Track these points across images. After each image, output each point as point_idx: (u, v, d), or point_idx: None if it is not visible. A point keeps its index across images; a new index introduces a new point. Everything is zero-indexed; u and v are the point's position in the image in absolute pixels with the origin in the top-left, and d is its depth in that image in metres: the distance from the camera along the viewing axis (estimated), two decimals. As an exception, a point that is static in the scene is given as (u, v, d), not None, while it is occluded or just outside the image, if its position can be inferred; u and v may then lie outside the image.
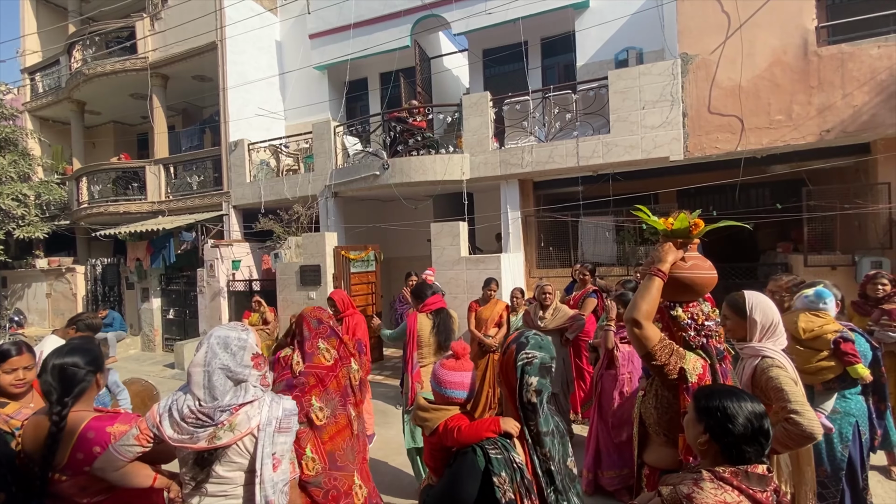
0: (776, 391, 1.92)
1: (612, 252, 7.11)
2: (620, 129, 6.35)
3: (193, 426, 1.51)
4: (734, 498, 1.20)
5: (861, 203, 5.58)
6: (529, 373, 1.47)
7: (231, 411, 1.54)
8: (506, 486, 1.34)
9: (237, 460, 1.56)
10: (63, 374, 1.66)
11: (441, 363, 1.63)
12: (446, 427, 1.47)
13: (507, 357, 1.53)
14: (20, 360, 2.02)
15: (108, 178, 10.80)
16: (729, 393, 1.34)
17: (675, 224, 1.97)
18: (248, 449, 1.57)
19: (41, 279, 11.88)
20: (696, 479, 1.26)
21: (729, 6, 5.88)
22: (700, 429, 1.33)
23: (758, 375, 2.03)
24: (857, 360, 2.55)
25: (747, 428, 1.27)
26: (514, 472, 1.37)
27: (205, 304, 8.99)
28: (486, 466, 1.36)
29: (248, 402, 1.57)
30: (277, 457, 1.58)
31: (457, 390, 1.56)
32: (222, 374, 1.55)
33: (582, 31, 8.08)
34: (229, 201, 9.51)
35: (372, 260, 7.74)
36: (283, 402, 1.66)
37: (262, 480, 1.53)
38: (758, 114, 5.83)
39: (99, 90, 11.22)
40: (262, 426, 1.57)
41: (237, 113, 9.71)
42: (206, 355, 1.57)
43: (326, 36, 9.91)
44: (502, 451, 1.39)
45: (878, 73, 5.34)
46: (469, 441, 1.42)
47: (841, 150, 5.99)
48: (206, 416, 1.51)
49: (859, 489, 2.64)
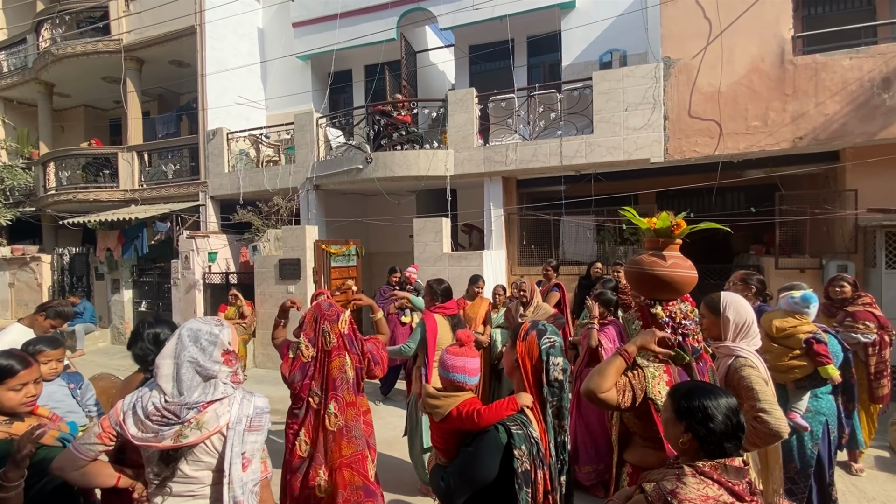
0: (747, 390, 1.98)
1: (592, 251, 7.21)
2: (603, 129, 6.43)
3: (159, 424, 1.45)
4: (715, 491, 1.24)
5: (829, 209, 5.80)
6: (554, 354, 1.66)
7: (199, 409, 1.48)
8: (524, 458, 1.46)
9: (205, 459, 1.51)
10: (157, 339, 1.97)
11: (447, 350, 1.69)
12: (460, 412, 1.55)
13: (529, 342, 1.67)
14: (29, 373, 1.79)
15: (77, 163, 10.38)
16: (705, 391, 1.38)
17: (658, 224, 2.02)
18: (216, 448, 1.51)
19: (3, 268, 11.36)
20: (679, 474, 1.30)
21: (711, 13, 6.00)
22: (681, 428, 1.35)
23: (731, 374, 2.09)
24: (828, 361, 2.64)
25: (727, 425, 1.31)
26: (531, 445, 1.50)
27: (179, 297, 8.75)
28: (507, 441, 1.48)
29: (217, 400, 1.52)
30: (247, 456, 1.53)
31: (465, 375, 1.64)
32: (191, 368, 1.51)
33: (568, 30, 8.14)
34: (206, 191, 9.26)
35: (353, 255, 7.66)
36: (255, 399, 1.61)
37: (230, 480, 1.49)
38: (735, 119, 5.98)
39: (69, 72, 10.74)
40: (232, 424, 1.52)
41: (216, 101, 9.44)
42: (175, 347, 1.53)
43: (311, 25, 9.71)
44: (522, 427, 1.52)
45: (849, 83, 5.54)
46: (491, 421, 1.51)
47: (812, 157, 6.20)
48: (173, 413, 1.46)
49: (826, 485, 2.75)
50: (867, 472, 3.71)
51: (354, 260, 7.69)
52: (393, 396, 5.79)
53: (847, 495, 3.40)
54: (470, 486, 1.47)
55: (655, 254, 1.98)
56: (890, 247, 5.31)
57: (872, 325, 3.62)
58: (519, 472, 1.44)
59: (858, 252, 5.71)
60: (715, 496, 1.23)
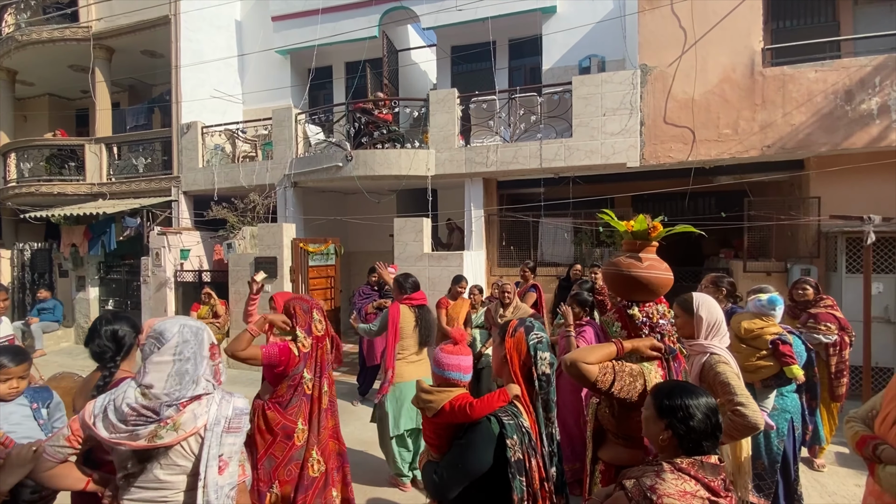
0: (723, 385, 2.05)
1: (569, 253, 7.32)
2: (582, 133, 6.54)
3: (134, 423, 1.40)
4: (693, 487, 1.29)
5: (794, 215, 6.04)
6: (542, 349, 1.72)
7: (178, 407, 1.43)
8: (516, 447, 1.51)
9: (180, 463, 1.46)
10: (116, 336, 1.92)
11: (441, 348, 1.71)
12: (453, 406, 1.58)
13: (518, 339, 1.74)
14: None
15: (41, 155, 9.92)
16: (686, 391, 1.42)
17: (635, 226, 2.07)
18: (192, 451, 1.47)
19: (-42, 263, 10.77)
20: (658, 471, 1.34)
21: (686, 22, 6.18)
22: (661, 425, 1.39)
23: (706, 371, 2.16)
24: (793, 362, 2.76)
25: (706, 424, 1.35)
26: (522, 435, 1.55)
27: (149, 295, 8.47)
28: (499, 432, 1.53)
29: (196, 398, 1.48)
30: (225, 459, 1.49)
31: (459, 372, 1.67)
32: (191, 364, 1.49)
33: (548, 35, 8.25)
34: (179, 186, 9.00)
35: (332, 253, 7.56)
36: (234, 399, 1.57)
37: (205, 484, 1.44)
38: (708, 127, 6.17)
39: (33, 59, 10.27)
40: (210, 426, 1.47)
41: (190, 93, 9.18)
42: (177, 344, 1.49)
43: (291, 19, 9.56)
44: (513, 417, 1.57)
45: (814, 95, 5.79)
46: (483, 413, 1.55)
47: (779, 165, 6.45)
48: (151, 410, 1.40)
49: (791, 480, 2.86)
50: (828, 467, 3.89)
51: (333, 259, 7.59)
52: (371, 397, 5.74)
53: (809, 490, 3.54)
54: (464, 478, 1.49)
55: (632, 256, 2.03)
56: (850, 252, 5.56)
57: (833, 326, 3.79)
58: (512, 461, 1.47)
59: (821, 256, 5.97)
60: (692, 491, 1.27)
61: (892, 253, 5.40)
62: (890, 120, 5.52)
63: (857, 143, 5.65)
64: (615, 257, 2.11)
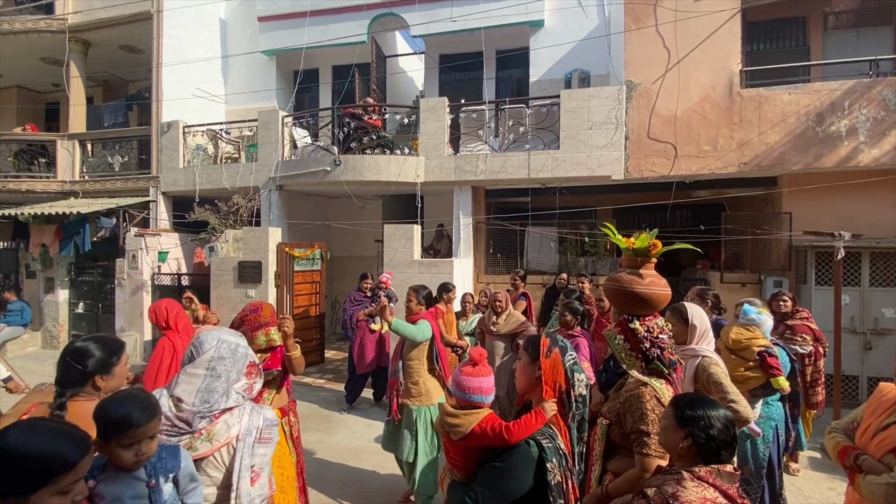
0: (715, 385, 2.26)
1: (554, 261, 7.46)
2: (569, 146, 6.70)
3: (168, 435, 1.39)
4: (712, 494, 1.35)
5: (768, 229, 6.34)
6: (577, 371, 1.74)
7: (211, 418, 1.44)
8: (555, 470, 1.51)
9: (212, 474, 1.46)
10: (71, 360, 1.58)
11: (461, 370, 1.68)
12: (484, 429, 1.56)
13: (554, 360, 1.72)
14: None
15: (9, 150, 9.48)
16: (707, 402, 1.51)
17: (637, 244, 2.15)
18: (224, 461, 1.47)
19: (-88, 261, 10.15)
20: (678, 479, 1.40)
21: (670, 42, 6.43)
22: (681, 434, 1.45)
23: (699, 373, 2.36)
24: (779, 373, 2.90)
25: (726, 434, 1.43)
26: (560, 457, 1.56)
27: (124, 299, 8.18)
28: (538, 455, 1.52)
29: (229, 409, 1.48)
30: (256, 469, 1.49)
31: (482, 395, 1.65)
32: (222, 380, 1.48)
33: (536, 49, 8.42)
34: (158, 187, 8.74)
35: (317, 258, 7.49)
36: (264, 411, 1.58)
37: (238, 495, 1.44)
38: (689, 143, 6.42)
39: (3, 49, 9.79)
40: (242, 436, 1.48)
41: (171, 91, 8.95)
42: (211, 359, 1.48)
43: (278, 20, 9.47)
44: (550, 440, 1.57)
45: (787, 116, 6.10)
46: (522, 437, 1.54)
47: (754, 181, 6.76)
48: (185, 422, 1.40)
49: (776, 485, 3.00)
50: (803, 472, 4.08)
51: (319, 264, 7.52)
52: (358, 405, 5.70)
53: (786, 493, 3.71)
54: (502, 501, 1.49)
55: (633, 272, 2.11)
56: (819, 265, 5.87)
57: (809, 337, 4.00)
58: (552, 484, 1.47)
59: (792, 269, 6.28)
60: (712, 498, 1.34)
61: (857, 267, 5.72)
62: (858, 141, 5.87)
63: (826, 162, 5.98)
64: (616, 273, 2.18)
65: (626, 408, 1.89)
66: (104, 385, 1.60)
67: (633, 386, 1.96)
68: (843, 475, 3.71)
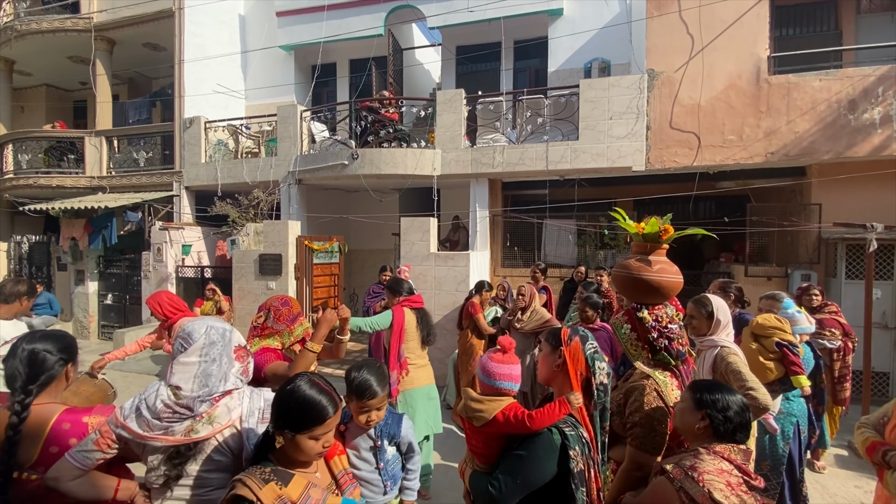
0: (734, 374, 2.23)
1: (572, 254, 7.38)
2: (588, 136, 6.59)
3: (169, 420, 1.40)
4: (728, 467, 1.45)
5: (796, 221, 6.14)
6: (598, 359, 1.71)
7: (211, 402, 1.45)
8: (578, 458, 1.51)
9: (217, 458, 1.47)
10: (33, 358, 1.51)
11: (490, 357, 1.68)
12: (507, 416, 1.56)
13: (574, 349, 1.71)
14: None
15: (39, 147, 9.81)
16: (723, 387, 1.62)
17: (647, 228, 2.08)
18: (228, 446, 1.48)
19: (-47, 255, 10.64)
20: (695, 453, 1.51)
21: (693, 29, 6.24)
22: (699, 416, 1.56)
23: (718, 362, 2.33)
24: (801, 371, 2.82)
25: (742, 416, 1.54)
26: (583, 445, 1.55)
27: (149, 290, 8.41)
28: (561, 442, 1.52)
29: (228, 392, 1.50)
30: None
31: (511, 382, 1.65)
32: (216, 365, 1.49)
33: (555, 38, 8.29)
34: (181, 181, 8.95)
35: (336, 251, 7.56)
36: (264, 392, 1.60)
37: None
38: (713, 132, 6.24)
39: (32, 49, 10.13)
40: (245, 417, 1.50)
41: (193, 88, 9.12)
42: (203, 346, 1.50)
43: (295, 15, 9.53)
44: (573, 427, 1.57)
45: (818, 103, 5.88)
46: (544, 425, 1.54)
47: (781, 172, 6.55)
48: (185, 407, 1.42)
49: (797, 481, 2.94)
50: (828, 469, 3.98)
51: (337, 257, 7.60)
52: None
53: (811, 491, 3.62)
54: (524, 489, 1.49)
55: (642, 258, 2.05)
56: (850, 258, 5.67)
57: (838, 332, 3.88)
58: (575, 472, 1.48)
59: (821, 262, 6.07)
60: (728, 470, 1.44)
61: (890, 260, 5.51)
62: (892, 130, 5.62)
63: (859, 151, 5.75)
64: (625, 259, 2.12)
65: (626, 398, 1.90)
66: (72, 376, 1.60)
67: (636, 377, 1.95)
68: (870, 473, 3.62)
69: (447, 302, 6.18)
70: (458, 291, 6.17)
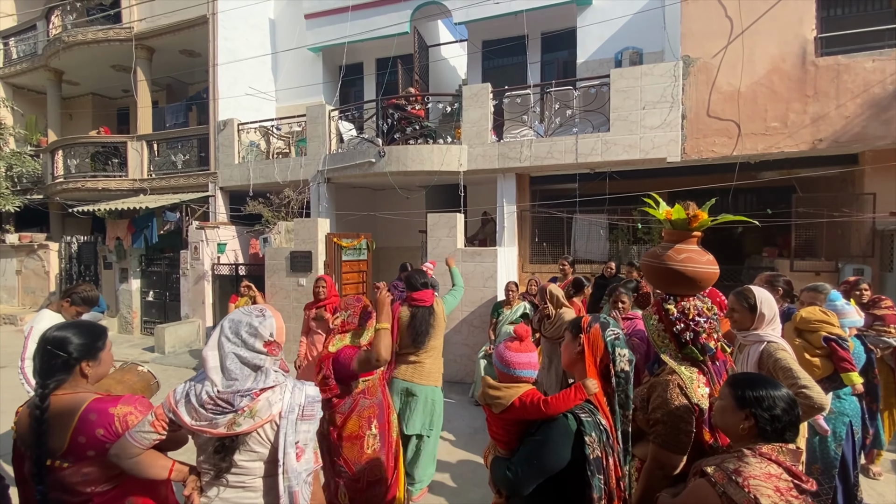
0: (784, 371, 2.05)
1: (604, 250, 7.18)
2: (620, 127, 6.39)
3: (213, 413, 1.44)
4: (776, 470, 1.34)
5: (847, 212, 5.76)
6: (619, 346, 1.69)
7: (252, 397, 1.47)
8: (594, 444, 1.49)
9: (257, 449, 1.50)
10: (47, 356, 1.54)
11: (506, 346, 1.68)
12: (523, 402, 1.56)
13: (594, 335, 1.69)
14: None
15: (86, 152, 10.35)
16: (767, 382, 1.47)
17: (674, 215, 1.96)
18: (268, 438, 1.51)
19: (11, 255, 11.36)
20: (739, 455, 1.39)
21: (732, 12, 5.95)
22: (742, 415, 1.44)
23: (765, 359, 2.16)
24: (852, 368, 2.61)
25: (790, 414, 1.41)
26: (600, 432, 1.53)
27: (187, 287, 8.75)
28: (577, 429, 1.50)
29: (269, 388, 1.52)
30: (301, 446, 1.52)
31: (527, 370, 1.64)
32: (236, 360, 1.50)
33: (584, 27, 8.08)
34: (216, 182, 9.24)
35: (364, 248, 7.63)
36: (306, 388, 1.60)
37: (285, 470, 1.48)
38: (754, 120, 5.94)
39: (78, 59, 10.71)
40: (285, 413, 1.51)
41: (226, 91, 9.40)
42: (217, 339, 1.52)
43: (323, 17, 9.67)
44: (590, 414, 1.55)
45: (871, 85, 5.50)
46: (559, 410, 1.53)
47: (830, 160, 6.16)
48: (226, 401, 1.45)
49: (851, 485, 2.74)
50: (884, 475, 3.71)
51: (365, 254, 7.66)
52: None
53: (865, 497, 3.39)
54: (540, 474, 1.48)
55: (668, 246, 1.95)
56: (908, 251, 5.29)
57: (896, 328, 3.60)
58: (591, 458, 1.45)
59: (875, 256, 5.69)
60: (776, 474, 1.32)
61: (955, 252, 5.10)
62: (955, 111, 5.20)
63: (917, 136, 5.35)
64: (654, 248, 2.04)
65: (649, 393, 1.82)
66: (91, 372, 1.61)
67: (663, 372, 1.87)
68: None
69: (475, 298, 6.12)
70: (485, 287, 6.11)
